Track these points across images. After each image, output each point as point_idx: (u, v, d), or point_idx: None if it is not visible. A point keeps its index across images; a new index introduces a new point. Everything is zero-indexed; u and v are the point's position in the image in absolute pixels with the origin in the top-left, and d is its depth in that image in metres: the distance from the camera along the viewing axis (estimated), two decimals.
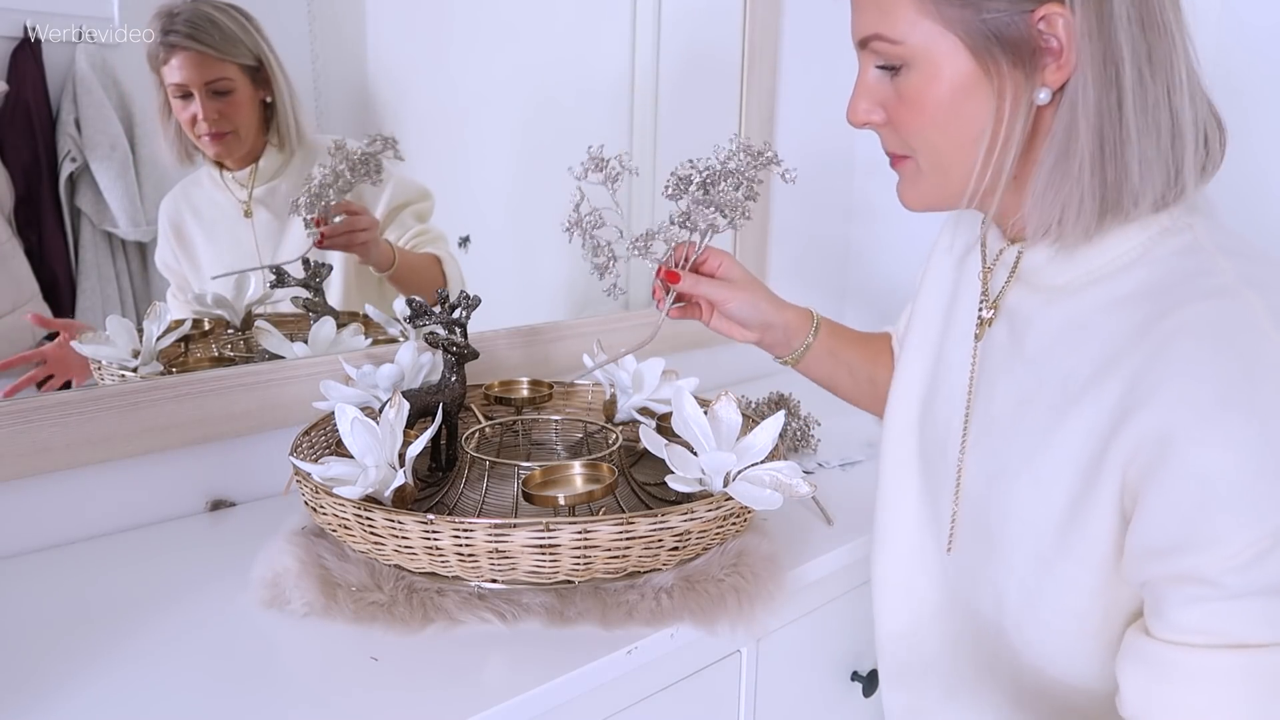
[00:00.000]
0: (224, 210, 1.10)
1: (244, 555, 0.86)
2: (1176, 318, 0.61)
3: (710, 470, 0.83)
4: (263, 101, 1.07)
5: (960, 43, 0.65)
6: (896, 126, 0.71)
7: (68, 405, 0.93)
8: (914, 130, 0.70)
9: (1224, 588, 0.57)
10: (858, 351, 0.98)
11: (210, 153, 1.06)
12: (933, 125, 0.69)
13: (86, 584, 0.88)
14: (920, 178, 0.72)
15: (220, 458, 1.05)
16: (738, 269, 0.94)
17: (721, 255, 0.93)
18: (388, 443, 0.83)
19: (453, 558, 0.76)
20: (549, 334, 1.30)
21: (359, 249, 1.17)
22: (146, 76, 1.00)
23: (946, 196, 0.72)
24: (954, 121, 0.68)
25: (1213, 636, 0.58)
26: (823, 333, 0.96)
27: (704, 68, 1.49)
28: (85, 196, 1.00)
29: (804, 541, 0.98)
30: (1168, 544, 0.59)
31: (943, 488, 0.80)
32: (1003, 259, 0.76)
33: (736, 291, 0.91)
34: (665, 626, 0.79)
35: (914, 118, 0.69)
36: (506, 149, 1.35)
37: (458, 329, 0.97)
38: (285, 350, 1.10)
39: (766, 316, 0.93)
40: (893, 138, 0.73)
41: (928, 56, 0.66)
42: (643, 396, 1.06)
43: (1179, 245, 0.66)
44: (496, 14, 1.29)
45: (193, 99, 1.02)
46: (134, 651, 0.76)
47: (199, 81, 1.01)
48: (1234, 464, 0.56)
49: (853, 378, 0.98)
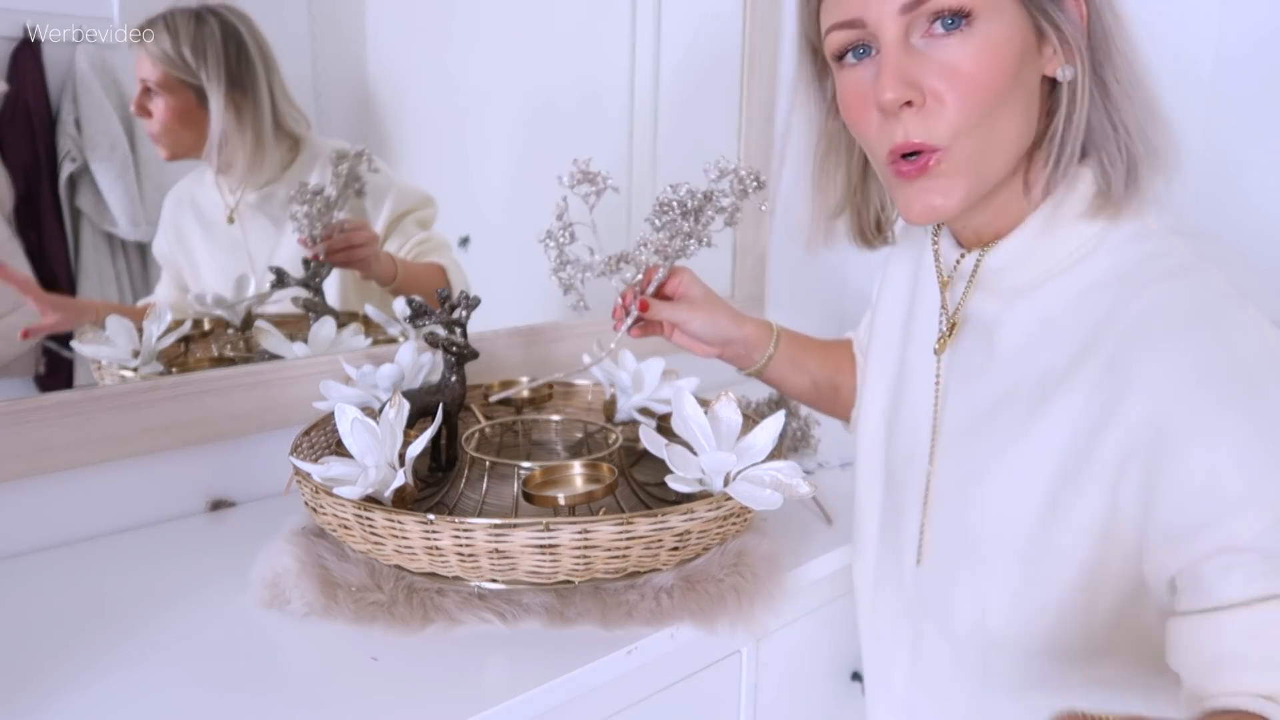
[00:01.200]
0: (220, 211, 1.10)
1: (244, 555, 0.86)
2: (1143, 300, 0.62)
3: (710, 470, 0.83)
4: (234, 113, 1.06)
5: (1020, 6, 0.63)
6: (950, 100, 0.63)
7: (68, 405, 0.93)
8: (972, 104, 0.63)
9: (1261, 550, 0.56)
10: (819, 360, 0.99)
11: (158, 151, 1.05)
12: (998, 97, 0.63)
13: (86, 584, 0.88)
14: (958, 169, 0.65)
15: (220, 458, 1.05)
16: (697, 286, 0.94)
17: (681, 273, 0.94)
18: (388, 443, 0.83)
19: (453, 558, 0.76)
20: (549, 334, 1.30)
21: (359, 265, 1.17)
22: None
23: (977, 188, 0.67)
24: (1011, 94, 0.63)
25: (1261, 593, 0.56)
26: (783, 343, 0.97)
27: (704, 69, 1.49)
28: (85, 196, 1.00)
29: (804, 541, 0.98)
30: (1193, 524, 0.58)
31: (908, 500, 0.80)
32: (960, 269, 0.75)
33: (696, 311, 0.92)
34: (665, 626, 0.79)
35: (981, 84, 0.62)
36: (506, 149, 1.35)
37: (458, 329, 0.97)
38: (285, 350, 1.10)
39: (726, 333, 0.94)
40: (925, 123, 0.64)
41: (998, 12, 0.62)
42: (643, 396, 1.06)
43: (1130, 232, 0.67)
44: (497, 14, 1.29)
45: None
46: (134, 652, 0.76)
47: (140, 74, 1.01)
48: (1231, 429, 0.57)
49: (815, 386, 0.99)
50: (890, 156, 0.67)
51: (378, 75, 1.18)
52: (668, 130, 1.46)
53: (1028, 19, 0.64)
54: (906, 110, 0.64)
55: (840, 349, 1.01)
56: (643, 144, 1.46)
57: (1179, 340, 0.60)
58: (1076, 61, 0.64)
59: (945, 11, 0.62)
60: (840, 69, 0.69)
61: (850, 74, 0.68)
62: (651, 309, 0.92)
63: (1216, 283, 0.61)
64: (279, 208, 1.12)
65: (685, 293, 0.94)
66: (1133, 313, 0.63)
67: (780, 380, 0.99)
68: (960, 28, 0.62)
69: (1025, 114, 0.66)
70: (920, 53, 0.64)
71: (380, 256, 1.19)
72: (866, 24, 0.65)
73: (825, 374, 0.99)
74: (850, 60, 0.68)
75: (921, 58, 0.64)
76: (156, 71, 1.00)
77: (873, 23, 0.64)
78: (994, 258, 0.71)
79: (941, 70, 0.63)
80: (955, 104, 0.63)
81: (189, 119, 1.03)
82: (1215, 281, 0.62)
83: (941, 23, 0.63)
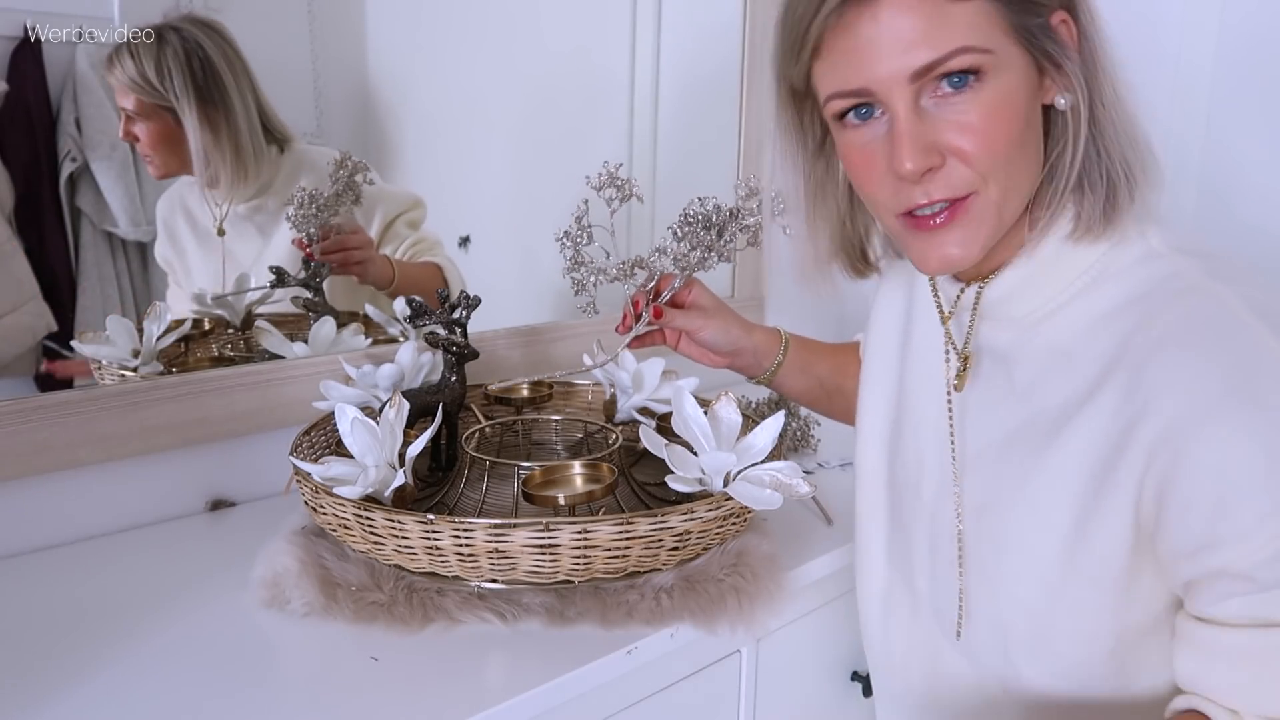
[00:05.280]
0: (210, 221, 1.10)
1: (244, 555, 0.86)
2: (1157, 325, 0.62)
3: (710, 470, 0.83)
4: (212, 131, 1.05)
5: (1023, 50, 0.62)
6: (973, 154, 0.62)
7: (68, 405, 0.93)
8: (997, 152, 0.62)
9: (1255, 581, 0.57)
10: (826, 364, 0.99)
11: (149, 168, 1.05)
12: (1016, 143, 0.63)
13: (86, 584, 0.88)
14: (985, 215, 0.64)
15: (220, 458, 1.05)
16: (707, 295, 0.94)
17: (692, 283, 0.93)
18: (388, 443, 0.83)
19: (453, 558, 0.76)
20: (549, 334, 1.30)
21: (355, 269, 1.17)
22: None
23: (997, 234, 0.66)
24: (1026, 133, 0.64)
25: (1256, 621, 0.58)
26: (791, 350, 0.97)
27: (704, 71, 1.49)
28: (85, 196, 1.00)
29: (804, 541, 0.98)
30: (1194, 545, 0.59)
31: (916, 527, 0.79)
32: (961, 302, 0.74)
33: (709, 320, 0.92)
34: (665, 626, 0.79)
35: (999, 135, 0.62)
36: (506, 149, 1.35)
37: (458, 329, 0.97)
38: (285, 350, 1.10)
39: (737, 342, 0.93)
40: (953, 175, 0.63)
41: (1009, 65, 0.61)
42: (643, 396, 1.06)
43: (1137, 254, 0.66)
44: (497, 15, 1.29)
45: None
46: (134, 651, 0.76)
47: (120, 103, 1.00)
48: (1245, 456, 0.57)
49: (823, 390, 1.00)
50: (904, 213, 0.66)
51: (378, 77, 1.18)
52: (667, 132, 1.46)
53: (1028, 57, 0.63)
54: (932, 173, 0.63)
55: (847, 352, 1.01)
56: (642, 145, 1.46)
57: (1196, 365, 0.59)
58: (1075, 88, 0.64)
59: (955, 71, 0.60)
60: (842, 129, 0.66)
61: (854, 135, 0.66)
62: (667, 317, 0.91)
63: (1228, 303, 0.61)
64: (267, 219, 1.11)
65: (697, 302, 0.93)
66: (1148, 338, 0.62)
67: (788, 386, 0.99)
68: (970, 84, 0.61)
69: (1036, 151, 0.66)
70: (932, 114, 0.62)
71: (376, 260, 1.19)
72: (874, 93, 0.62)
73: (833, 378, 0.99)
74: (853, 120, 0.65)
75: (934, 118, 0.62)
76: (130, 99, 1.00)
77: (881, 92, 0.62)
78: (994, 289, 0.71)
79: (958, 129, 0.62)
80: (975, 157, 0.62)
81: (170, 140, 1.03)
82: (1227, 302, 0.61)
83: (949, 81, 0.61)
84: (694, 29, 1.47)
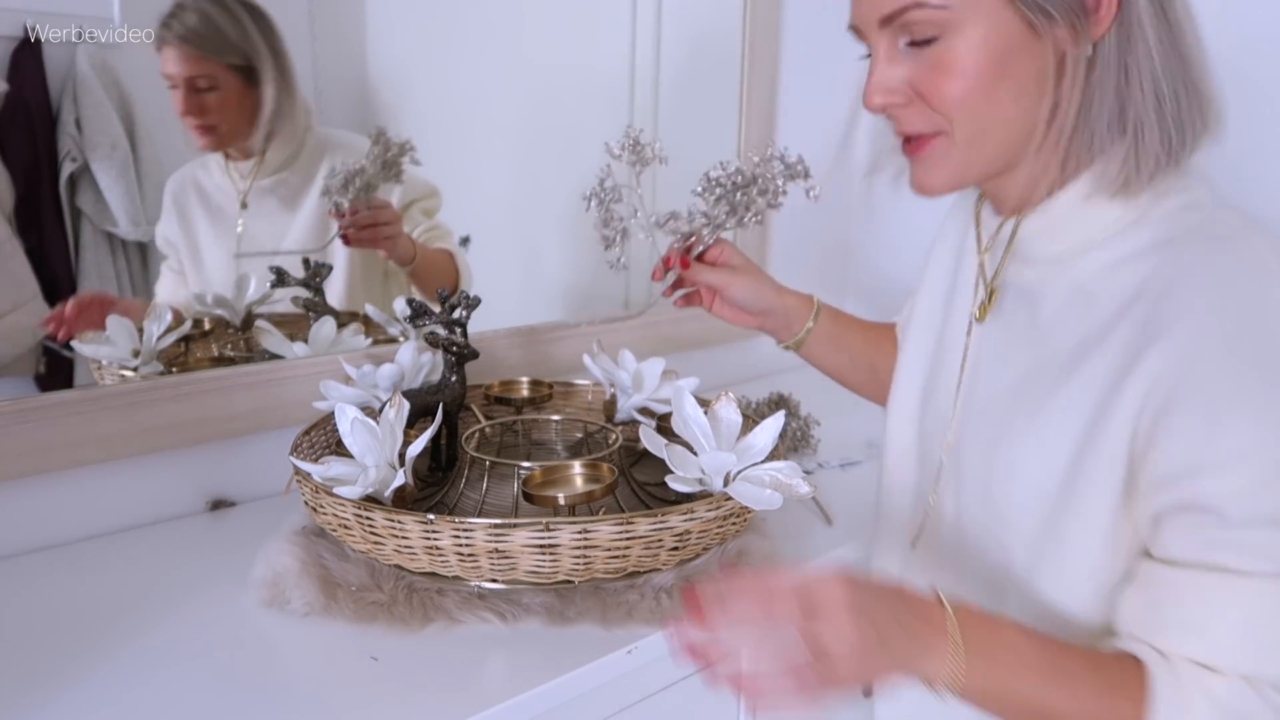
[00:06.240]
0: (229, 197, 1.10)
1: (244, 555, 0.86)
2: (1181, 263, 0.63)
3: (710, 470, 0.83)
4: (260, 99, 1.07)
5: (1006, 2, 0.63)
6: (931, 99, 0.67)
7: (68, 405, 0.93)
8: (955, 100, 0.66)
9: (1224, 516, 0.58)
10: (860, 338, 0.99)
11: (199, 144, 1.05)
12: (978, 92, 0.65)
13: (87, 584, 0.88)
14: (952, 153, 0.68)
15: (220, 458, 1.05)
16: (738, 256, 0.95)
17: (723, 244, 0.95)
18: (388, 443, 0.83)
19: (453, 558, 0.76)
20: (549, 334, 1.30)
21: (385, 244, 1.18)
22: (147, 76, 1.00)
23: (975, 172, 0.70)
24: (1000, 85, 0.65)
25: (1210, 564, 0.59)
26: (824, 318, 0.97)
27: (704, 65, 1.49)
28: (85, 196, 1.00)
29: (804, 541, 0.98)
30: (1174, 472, 0.60)
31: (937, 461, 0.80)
32: (999, 236, 0.76)
33: (738, 277, 0.93)
34: (665, 626, 0.79)
35: (956, 86, 0.65)
36: (507, 148, 1.35)
37: (458, 329, 0.97)
38: (285, 350, 1.10)
39: (768, 301, 0.94)
40: (918, 116, 0.68)
41: (972, 18, 0.64)
42: (643, 396, 1.06)
43: (1180, 203, 0.67)
44: (496, 13, 1.29)
45: (179, 90, 1.02)
46: (134, 651, 0.76)
47: (181, 76, 1.01)
48: (1244, 390, 0.58)
49: (853, 364, 0.99)
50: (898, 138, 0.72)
51: (378, 74, 1.18)
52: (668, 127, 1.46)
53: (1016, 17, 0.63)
54: (900, 109, 0.69)
55: (882, 330, 1.01)
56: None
57: (1211, 306, 0.60)
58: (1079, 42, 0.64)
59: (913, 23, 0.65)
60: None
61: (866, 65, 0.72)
62: (695, 271, 0.93)
63: (1259, 253, 0.61)
64: (290, 193, 1.12)
65: (727, 260, 0.95)
66: (1168, 275, 0.63)
67: (819, 356, 0.98)
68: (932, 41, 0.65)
69: (1022, 96, 0.66)
70: (906, 57, 0.67)
71: (402, 237, 1.20)
72: (862, 32, 0.70)
73: (864, 352, 0.99)
74: (864, 53, 0.72)
75: (906, 61, 0.67)
76: (191, 64, 1.00)
77: (864, 32, 0.69)
78: (1030, 222, 0.72)
79: (924, 74, 0.67)
80: (941, 98, 0.66)
81: (238, 104, 1.04)
82: (1258, 251, 0.62)
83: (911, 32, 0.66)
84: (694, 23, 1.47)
